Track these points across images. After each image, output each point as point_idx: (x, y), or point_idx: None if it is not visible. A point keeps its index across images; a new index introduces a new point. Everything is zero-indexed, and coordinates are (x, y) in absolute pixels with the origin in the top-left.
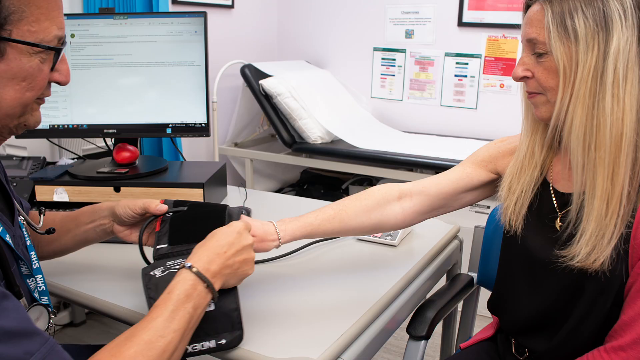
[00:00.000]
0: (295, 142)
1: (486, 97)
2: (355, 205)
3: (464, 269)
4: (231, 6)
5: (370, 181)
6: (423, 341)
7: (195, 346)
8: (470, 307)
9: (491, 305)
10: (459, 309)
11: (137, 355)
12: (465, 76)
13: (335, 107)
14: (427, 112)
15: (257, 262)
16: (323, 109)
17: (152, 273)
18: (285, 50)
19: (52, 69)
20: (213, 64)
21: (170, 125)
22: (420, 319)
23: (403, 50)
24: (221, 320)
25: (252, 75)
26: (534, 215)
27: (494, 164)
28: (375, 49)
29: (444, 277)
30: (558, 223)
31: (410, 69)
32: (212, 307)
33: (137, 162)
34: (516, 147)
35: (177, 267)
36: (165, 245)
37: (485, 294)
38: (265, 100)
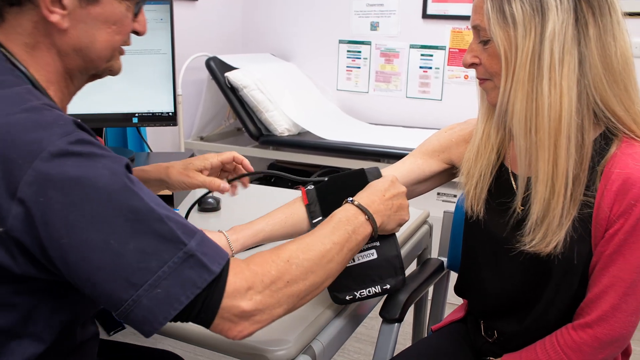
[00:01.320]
0: (262, 135)
1: (451, 89)
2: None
3: (434, 253)
4: None
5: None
6: (396, 324)
7: (362, 292)
8: (440, 291)
9: (458, 289)
10: (430, 292)
11: (297, 251)
12: (430, 68)
13: (301, 100)
14: (392, 104)
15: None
16: (290, 101)
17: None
18: (250, 43)
19: (135, 15)
20: (177, 57)
21: (136, 115)
22: (393, 302)
23: (368, 43)
24: (384, 267)
25: (217, 68)
26: (495, 200)
27: (447, 154)
28: (340, 42)
29: (415, 261)
30: (519, 206)
31: (375, 61)
32: (375, 256)
33: None
34: (469, 134)
35: None
36: (320, 218)
37: (455, 278)
38: (231, 93)
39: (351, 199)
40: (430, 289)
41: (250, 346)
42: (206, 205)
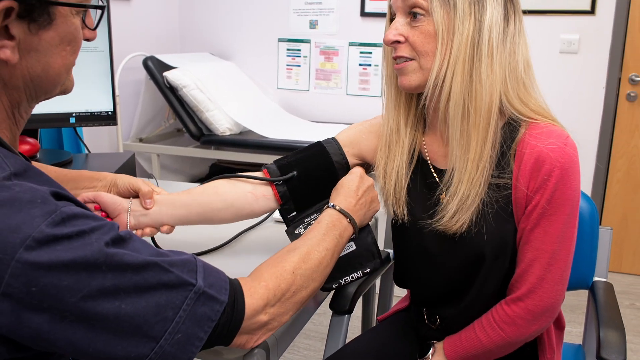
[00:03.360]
0: (203, 135)
1: None
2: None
3: (380, 245)
4: None
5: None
6: (346, 315)
7: (346, 279)
8: (388, 282)
9: (397, 280)
10: (378, 284)
11: (299, 262)
12: (370, 65)
13: (242, 99)
14: (333, 102)
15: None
16: (230, 100)
17: (296, 232)
18: (188, 42)
19: (94, 28)
20: (114, 56)
21: (73, 114)
22: (342, 295)
23: (308, 41)
24: (364, 255)
25: (155, 68)
26: (419, 198)
27: (357, 148)
28: (280, 40)
29: None
30: (444, 197)
31: (315, 59)
32: (354, 247)
33: (38, 155)
34: (377, 126)
35: (316, 220)
36: (295, 213)
37: None
38: (171, 93)
39: (332, 203)
40: (378, 281)
41: None
42: None
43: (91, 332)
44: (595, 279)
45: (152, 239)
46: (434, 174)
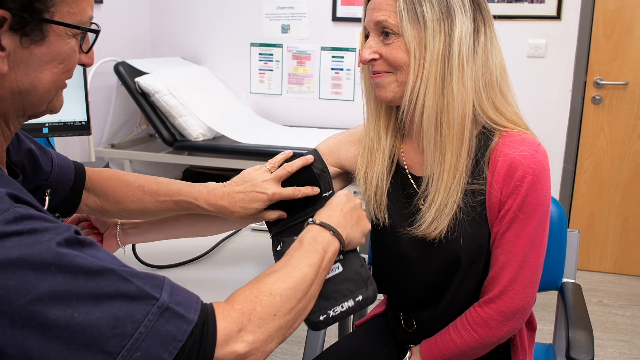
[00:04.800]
0: (177, 140)
1: None
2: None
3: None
4: (100, 1)
5: None
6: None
7: (336, 309)
8: None
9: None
10: None
11: (276, 281)
12: (342, 69)
13: (215, 104)
14: (306, 106)
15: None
16: (203, 105)
17: (279, 249)
18: (160, 46)
19: (87, 52)
20: None
21: (47, 125)
22: None
23: (280, 45)
24: (353, 279)
25: (126, 73)
26: (398, 204)
27: (336, 157)
28: (252, 45)
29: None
30: (422, 203)
31: (288, 64)
32: (341, 269)
33: None
34: (355, 136)
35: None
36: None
37: None
38: (142, 99)
39: (311, 219)
40: None
41: None
42: None
43: (43, 341)
44: (564, 280)
45: (133, 247)
46: (412, 182)
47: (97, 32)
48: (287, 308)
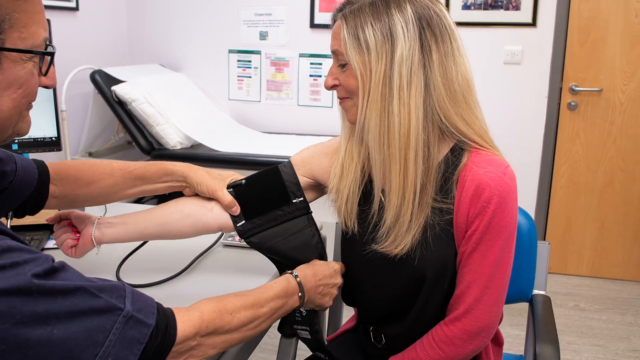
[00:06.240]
0: (154, 149)
1: None
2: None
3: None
4: (76, 8)
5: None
6: (294, 338)
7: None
8: (337, 301)
9: (344, 297)
10: None
11: (242, 307)
12: (320, 76)
13: (193, 111)
14: (285, 112)
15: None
16: (181, 113)
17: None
18: (137, 54)
19: (45, 74)
20: (60, 71)
21: (16, 141)
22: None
23: (258, 52)
24: (310, 340)
25: (103, 82)
26: (368, 216)
27: (309, 168)
28: (230, 51)
29: None
30: (377, 214)
31: (266, 70)
32: (309, 336)
33: None
34: (329, 148)
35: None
36: (244, 222)
37: None
38: (119, 107)
39: (295, 273)
40: None
41: None
42: None
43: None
44: (535, 292)
45: (117, 270)
46: (381, 196)
47: (51, 55)
48: (237, 331)
